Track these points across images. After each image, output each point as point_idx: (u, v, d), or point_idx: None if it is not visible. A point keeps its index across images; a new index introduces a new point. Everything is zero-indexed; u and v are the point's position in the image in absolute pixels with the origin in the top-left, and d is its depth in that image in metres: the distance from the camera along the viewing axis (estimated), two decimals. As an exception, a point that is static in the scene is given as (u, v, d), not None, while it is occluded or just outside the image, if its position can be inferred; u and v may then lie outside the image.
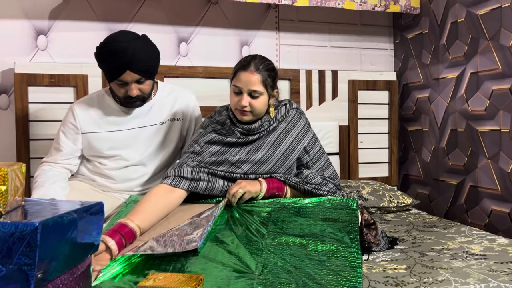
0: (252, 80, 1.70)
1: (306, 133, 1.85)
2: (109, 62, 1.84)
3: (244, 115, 1.75)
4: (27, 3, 2.50)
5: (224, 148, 1.78)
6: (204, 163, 1.74)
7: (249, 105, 1.72)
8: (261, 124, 1.79)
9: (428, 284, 1.37)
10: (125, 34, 1.90)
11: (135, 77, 1.86)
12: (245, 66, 1.73)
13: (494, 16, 2.33)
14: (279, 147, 1.79)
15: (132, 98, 1.91)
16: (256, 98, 1.73)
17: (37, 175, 1.94)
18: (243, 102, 1.71)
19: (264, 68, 1.74)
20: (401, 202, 2.53)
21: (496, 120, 2.33)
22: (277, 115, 1.82)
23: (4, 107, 2.48)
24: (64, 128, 1.99)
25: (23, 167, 1.00)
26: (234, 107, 1.76)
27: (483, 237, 1.93)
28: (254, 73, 1.71)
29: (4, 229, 0.81)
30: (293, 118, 1.85)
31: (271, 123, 1.80)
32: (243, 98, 1.72)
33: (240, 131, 1.78)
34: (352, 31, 3.13)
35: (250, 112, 1.74)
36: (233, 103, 1.76)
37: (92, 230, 1.03)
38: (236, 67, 1.77)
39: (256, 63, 1.73)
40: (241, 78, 1.72)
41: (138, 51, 1.82)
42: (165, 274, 1.16)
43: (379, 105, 3.06)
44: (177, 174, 1.69)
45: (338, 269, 1.27)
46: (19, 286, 0.80)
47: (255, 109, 1.74)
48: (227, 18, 2.86)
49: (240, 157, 1.76)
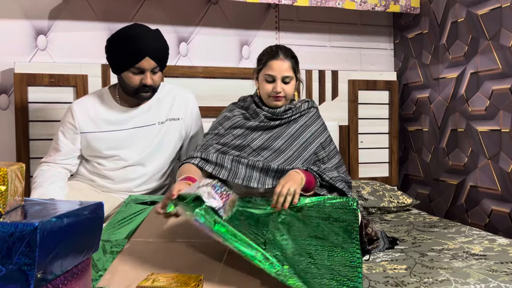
0: (284, 67, 1.83)
1: (324, 131, 1.95)
2: (127, 48, 1.85)
3: (279, 100, 1.86)
4: (27, 3, 2.50)
5: (247, 131, 1.87)
6: (228, 146, 1.84)
7: (282, 91, 1.84)
8: (285, 109, 1.88)
9: (428, 284, 1.37)
10: (140, 25, 1.96)
11: (152, 64, 1.88)
12: (274, 55, 1.85)
13: (494, 16, 2.32)
14: (298, 138, 1.88)
15: (146, 87, 1.91)
16: (288, 84, 1.85)
17: (36, 175, 1.94)
18: (278, 88, 1.83)
19: (290, 55, 1.87)
20: (401, 202, 2.53)
21: (496, 120, 2.33)
22: (300, 107, 1.92)
23: (4, 107, 2.48)
24: (63, 128, 1.99)
25: (23, 167, 1.00)
26: (267, 94, 1.86)
27: (483, 237, 1.93)
28: (285, 60, 1.84)
29: (4, 229, 0.81)
30: (314, 115, 1.95)
31: (294, 112, 1.90)
32: (277, 84, 1.83)
33: (265, 114, 1.87)
34: (352, 31, 3.13)
35: (283, 97, 1.86)
36: (266, 91, 1.86)
37: (92, 230, 1.03)
38: (265, 57, 1.87)
39: (284, 51, 1.86)
40: (273, 67, 1.83)
41: (156, 39, 1.90)
42: (165, 274, 1.16)
43: (379, 105, 3.06)
44: (203, 157, 1.77)
45: (338, 269, 1.27)
46: (19, 286, 0.80)
47: (288, 94, 1.86)
48: (227, 18, 2.86)
49: (262, 143, 1.85)
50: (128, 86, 1.93)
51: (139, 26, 1.93)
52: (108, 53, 1.92)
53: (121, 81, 1.95)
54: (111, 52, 1.91)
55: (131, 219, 1.63)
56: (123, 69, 1.89)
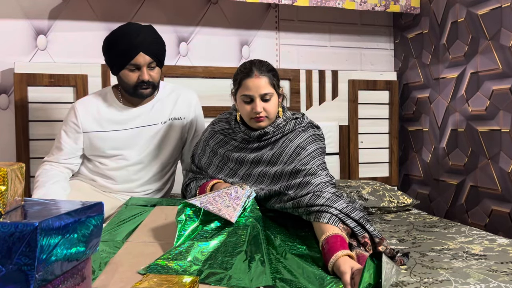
0: (261, 84, 1.67)
1: (312, 142, 1.72)
2: (122, 45, 1.86)
3: (261, 121, 1.70)
4: (27, 3, 2.50)
5: (228, 153, 1.78)
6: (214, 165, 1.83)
7: (263, 110, 1.68)
8: (262, 133, 1.72)
9: (428, 284, 1.37)
10: (133, 23, 1.98)
11: (148, 59, 1.88)
12: (248, 73, 1.68)
13: (494, 16, 2.32)
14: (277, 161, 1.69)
15: (144, 83, 1.91)
16: (268, 101, 1.69)
17: (38, 174, 1.94)
18: (258, 108, 1.66)
19: (266, 70, 1.71)
20: (401, 202, 2.53)
21: (496, 120, 2.33)
22: (285, 127, 1.75)
23: (4, 107, 2.48)
24: (65, 127, 1.99)
25: (23, 167, 1.00)
26: (248, 116, 1.71)
27: (483, 237, 1.93)
28: (260, 76, 1.68)
29: (4, 229, 0.80)
30: (300, 131, 1.75)
31: (275, 133, 1.73)
32: (256, 104, 1.67)
33: (242, 136, 1.75)
34: (352, 31, 3.13)
35: (265, 117, 1.70)
36: (246, 112, 1.70)
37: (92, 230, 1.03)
38: (239, 77, 1.71)
39: (258, 67, 1.69)
40: (249, 86, 1.67)
41: (149, 34, 1.91)
42: (160, 276, 1.16)
43: (379, 105, 3.06)
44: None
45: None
46: (19, 286, 0.80)
47: (270, 113, 1.70)
48: (227, 18, 2.86)
49: (244, 171, 1.73)
50: (126, 84, 1.93)
51: (131, 24, 1.95)
52: (104, 55, 1.94)
53: (120, 80, 1.96)
54: (107, 53, 1.93)
55: (130, 221, 1.63)
56: (120, 68, 1.90)
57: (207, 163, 1.84)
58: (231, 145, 1.78)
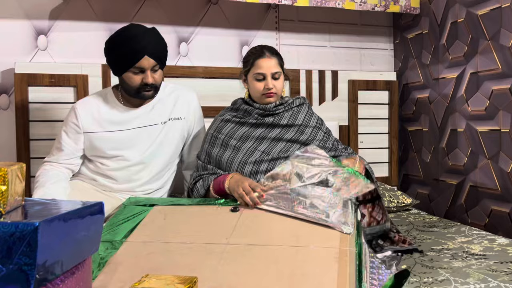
0: (272, 64, 1.90)
1: (322, 122, 2.04)
2: (126, 48, 1.86)
3: (271, 97, 1.91)
4: (27, 3, 2.50)
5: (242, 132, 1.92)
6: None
7: (274, 87, 1.90)
8: (276, 105, 1.94)
9: (428, 284, 1.37)
10: (136, 24, 1.97)
11: (152, 62, 1.89)
12: (261, 54, 1.91)
13: (494, 16, 2.33)
14: (292, 126, 1.93)
15: (147, 86, 1.91)
16: (278, 79, 1.92)
17: (39, 174, 1.94)
18: (269, 84, 1.89)
19: (275, 52, 1.95)
20: (401, 202, 2.53)
21: (496, 120, 2.33)
22: (292, 103, 1.98)
23: (4, 107, 2.48)
24: (66, 128, 1.99)
25: (23, 167, 1.00)
26: (259, 93, 1.91)
27: (483, 237, 1.93)
28: (271, 57, 1.91)
29: (4, 229, 0.81)
30: (308, 110, 2.02)
31: (286, 107, 1.96)
32: (268, 81, 1.89)
33: (257, 111, 1.93)
34: (352, 31, 3.13)
35: (275, 94, 1.91)
36: (258, 89, 1.91)
37: (92, 230, 1.03)
38: (251, 58, 1.92)
39: (268, 49, 1.93)
40: (262, 65, 1.89)
41: (154, 38, 1.91)
42: (159, 275, 1.15)
43: (379, 105, 3.06)
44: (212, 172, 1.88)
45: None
46: (19, 286, 0.80)
47: (278, 89, 1.92)
48: (227, 18, 2.86)
49: (259, 135, 1.90)
50: (129, 86, 1.93)
51: (136, 26, 1.94)
52: (107, 56, 1.93)
53: (122, 82, 1.96)
54: (110, 55, 1.92)
55: (129, 220, 1.63)
56: (123, 70, 1.90)
57: (220, 153, 1.90)
58: (247, 126, 1.94)
